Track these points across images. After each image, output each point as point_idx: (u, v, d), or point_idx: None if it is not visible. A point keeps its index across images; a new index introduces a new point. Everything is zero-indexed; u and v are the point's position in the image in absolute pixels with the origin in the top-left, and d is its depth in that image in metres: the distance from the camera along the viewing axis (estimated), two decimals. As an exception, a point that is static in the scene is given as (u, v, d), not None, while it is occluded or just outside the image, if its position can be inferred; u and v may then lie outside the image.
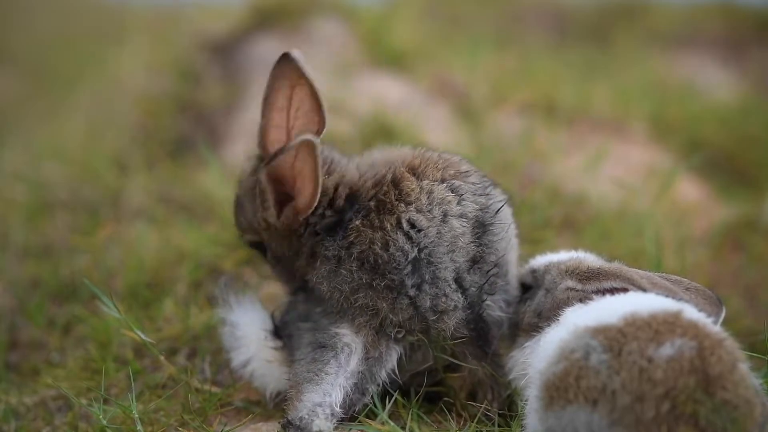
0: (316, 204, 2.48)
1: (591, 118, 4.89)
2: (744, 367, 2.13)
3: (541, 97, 4.94)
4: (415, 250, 2.41)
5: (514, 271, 2.60)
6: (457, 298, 2.44)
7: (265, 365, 2.59)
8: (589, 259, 2.55)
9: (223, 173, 3.99)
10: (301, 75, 2.52)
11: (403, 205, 2.43)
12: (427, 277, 2.41)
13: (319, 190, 2.46)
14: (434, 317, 2.43)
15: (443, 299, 2.43)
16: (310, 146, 2.43)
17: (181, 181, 4.21)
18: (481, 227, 2.46)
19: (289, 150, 2.44)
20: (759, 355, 2.40)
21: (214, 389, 2.76)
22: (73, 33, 7.12)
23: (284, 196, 2.52)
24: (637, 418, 2.04)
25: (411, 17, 6.07)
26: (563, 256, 2.60)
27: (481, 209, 2.47)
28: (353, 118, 4.37)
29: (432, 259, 2.42)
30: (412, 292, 2.41)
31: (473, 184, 2.50)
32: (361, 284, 2.42)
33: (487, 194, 2.50)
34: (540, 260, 2.62)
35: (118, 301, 3.04)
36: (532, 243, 3.19)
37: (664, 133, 4.87)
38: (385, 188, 2.47)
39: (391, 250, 2.41)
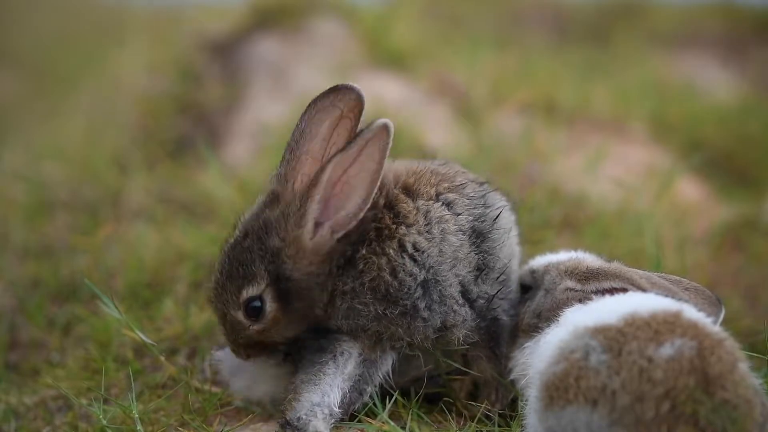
0: (361, 217, 2.37)
1: (591, 118, 4.90)
2: (744, 366, 2.13)
3: (541, 97, 4.95)
4: (423, 272, 2.40)
5: (516, 278, 2.59)
6: (465, 312, 2.44)
7: (265, 385, 2.59)
8: (588, 259, 2.55)
9: (223, 173, 3.99)
10: (353, 108, 2.41)
11: (403, 227, 2.41)
12: (435, 296, 2.41)
13: (371, 198, 2.37)
14: (443, 333, 2.43)
15: (451, 315, 2.43)
16: (386, 132, 2.33)
17: (181, 181, 4.22)
18: (480, 236, 2.46)
19: (370, 131, 2.31)
20: (759, 355, 2.40)
21: (214, 389, 2.76)
22: (73, 33, 7.12)
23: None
24: (637, 418, 2.04)
25: (411, 17, 6.07)
26: (563, 256, 2.60)
27: (476, 219, 2.46)
28: (353, 118, 4.35)
29: (438, 278, 2.41)
30: (425, 314, 2.41)
31: (468, 196, 2.48)
32: (376, 315, 2.40)
33: (484, 204, 2.49)
34: (539, 261, 2.62)
35: (118, 301, 3.04)
36: (532, 243, 3.19)
37: (664, 133, 4.88)
38: (379, 214, 2.43)
39: (400, 276, 2.39)
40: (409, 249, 2.40)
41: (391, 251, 2.39)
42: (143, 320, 3.08)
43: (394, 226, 2.41)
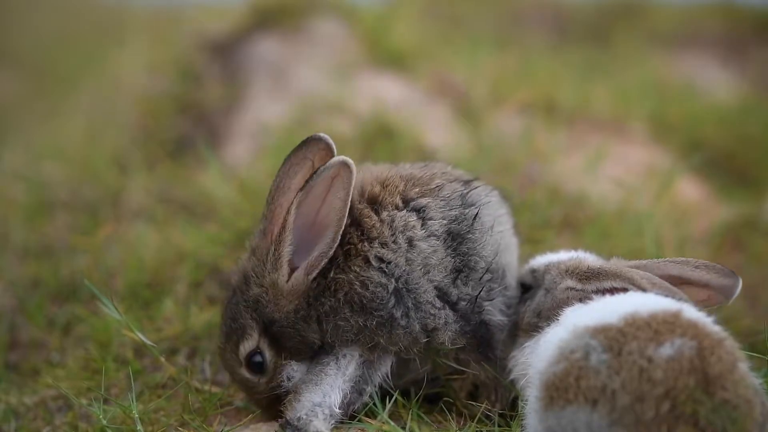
0: (331, 254, 2.41)
1: (591, 118, 4.90)
2: (744, 366, 2.13)
3: (541, 97, 4.94)
4: (393, 281, 2.41)
5: (514, 273, 2.59)
6: (445, 314, 2.44)
7: None
8: (589, 258, 2.55)
9: (223, 173, 3.99)
10: (324, 157, 2.42)
11: (366, 244, 2.42)
12: (410, 304, 2.41)
13: (339, 235, 2.40)
14: (427, 337, 2.43)
15: (431, 319, 2.42)
16: (347, 169, 2.36)
17: (181, 181, 4.21)
18: (457, 238, 2.45)
19: (327, 170, 2.35)
20: (759, 355, 2.41)
21: (214, 389, 2.76)
22: (73, 33, 7.12)
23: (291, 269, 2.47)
24: (637, 418, 2.04)
25: (411, 17, 6.07)
26: (563, 255, 2.60)
27: (452, 221, 2.46)
28: (353, 118, 4.37)
29: (410, 287, 2.41)
30: (403, 322, 2.41)
31: (443, 198, 2.47)
32: (359, 328, 2.42)
33: (462, 204, 2.48)
34: (540, 260, 2.62)
35: (118, 301, 3.04)
36: (532, 243, 3.19)
37: (664, 133, 4.88)
38: (347, 234, 2.43)
39: (371, 288, 2.40)
40: (375, 263, 2.41)
41: (356, 268, 2.41)
42: (143, 320, 3.08)
43: (359, 244, 2.42)
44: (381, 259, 2.41)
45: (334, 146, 2.44)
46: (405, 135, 4.19)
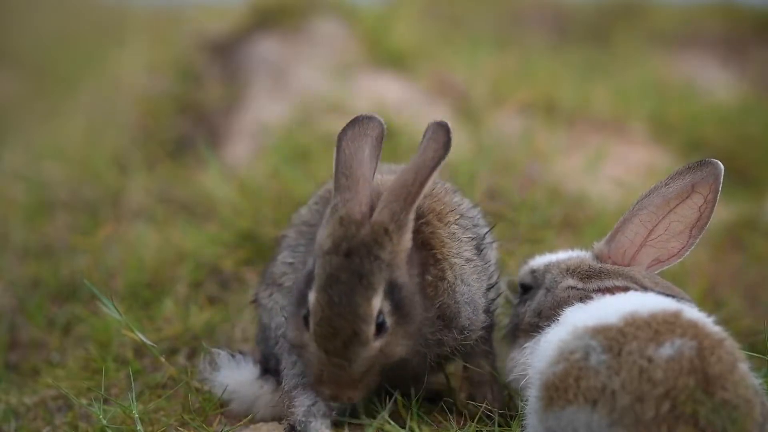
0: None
1: (591, 118, 4.90)
2: (744, 366, 2.13)
3: (541, 97, 4.95)
4: (468, 291, 2.47)
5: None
6: (484, 317, 2.52)
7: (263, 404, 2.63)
8: (588, 258, 2.55)
9: (223, 173, 4.00)
10: (380, 134, 2.63)
11: (445, 251, 2.47)
12: (477, 310, 2.50)
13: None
14: (464, 336, 2.48)
15: (477, 323, 2.50)
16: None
17: (181, 181, 4.22)
18: (480, 251, 2.57)
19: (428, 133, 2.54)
20: (759, 355, 2.41)
21: (214, 389, 2.76)
22: (73, 33, 7.14)
23: None
24: (636, 418, 2.04)
25: (411, 17, 6.08)
26: (563, 255, 2.60)
27: (479, 239, 2.58)
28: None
29: (475, 297, 2.49)
30: (466, 327, 2.48)
31: (468, 218, 2.60)
32: (437, 341, 2.46)
33: (476, 224, 2.62)
34: (539, 260, 2.63)
35: (118, 301, 3.04)
36: (532, 243, 3.19)
37: (664, 133, 4.88)
38: (431, 240, 2.48)
39: (457, 298, 2.45)
40: (458, 271, 2.46)
41: (448, 275, 2.45)
42: (143, 320, 3.08)
43: (444, 250, 2.47)
44: (461, 270, 2.47)
45: (384, 123, 2.64)
46: (405, 135, 4.19)
